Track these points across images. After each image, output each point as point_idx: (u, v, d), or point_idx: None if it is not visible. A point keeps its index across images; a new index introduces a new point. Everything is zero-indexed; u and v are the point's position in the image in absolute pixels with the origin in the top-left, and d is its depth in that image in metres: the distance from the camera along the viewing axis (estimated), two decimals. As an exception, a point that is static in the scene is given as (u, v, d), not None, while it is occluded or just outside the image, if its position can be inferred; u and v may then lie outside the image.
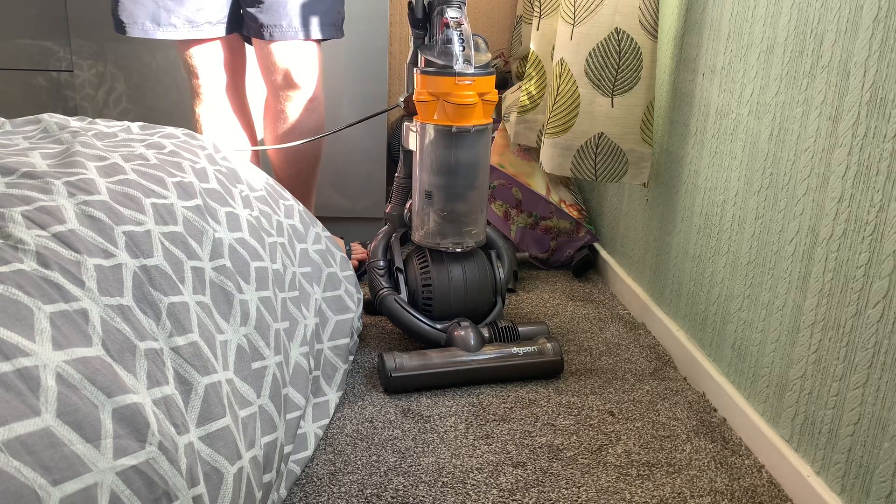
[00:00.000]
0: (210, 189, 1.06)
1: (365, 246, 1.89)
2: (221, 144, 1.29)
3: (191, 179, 1.02)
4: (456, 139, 1.38)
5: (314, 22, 1.55)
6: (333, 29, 1.59)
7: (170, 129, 1.22)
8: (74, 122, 1.16)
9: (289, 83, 1.60)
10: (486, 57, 1.38)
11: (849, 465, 0.97)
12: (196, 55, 1.58)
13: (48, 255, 0.71)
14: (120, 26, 1.53)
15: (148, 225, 0.86)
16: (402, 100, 1.49)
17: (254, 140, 1.75)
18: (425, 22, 1.46)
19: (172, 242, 0.89)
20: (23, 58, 2.00)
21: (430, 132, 1.39)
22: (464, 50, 1.35)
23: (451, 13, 1.37)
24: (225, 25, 1.56)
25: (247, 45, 1.67)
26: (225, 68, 1.63)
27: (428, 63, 1.37)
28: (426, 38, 1.47)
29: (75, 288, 0.70)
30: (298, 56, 1.57)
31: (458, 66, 1.34)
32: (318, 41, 1.59)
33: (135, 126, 1.22)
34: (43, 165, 0.88)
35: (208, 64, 1.60)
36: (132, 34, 1.52)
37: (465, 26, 1.37)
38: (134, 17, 1.50)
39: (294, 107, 1.63)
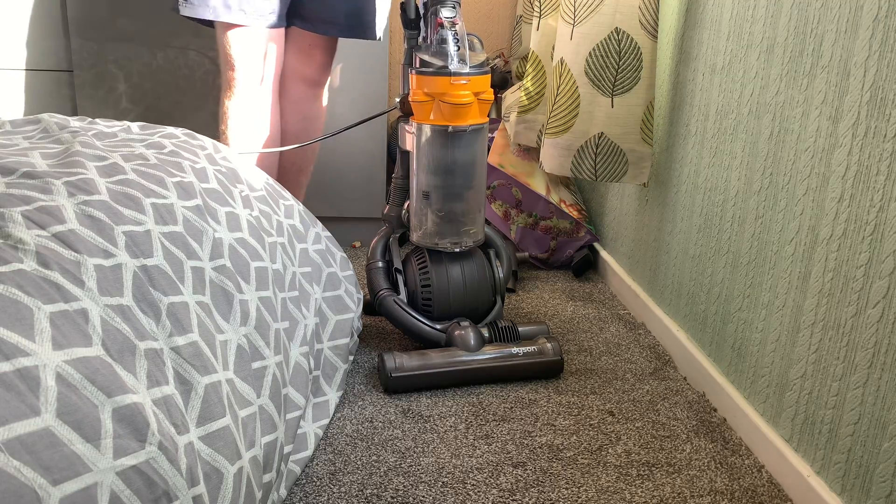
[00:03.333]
0: (210, 189, 1.06)
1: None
2: (221, 145, 1.28)
3: (191, 179, 1.02)
4: (452, 139, 1.38)
5: (367, 21, 1.62)
6: (378, 29, 1.67)
7: (170, 129, 1.22)
8: (74, 122, 1.16)
9: (323, 77, 1.69)
10: (481, 56, 1.39)
11: (849, 465, 0.97)
12: (238, 46, 1.55)
13: (48, 255, 0.71)
14: (186, 5, 1.51)
15: (148, 225, 0.86)
16: (399, 100, 1.49)
17: (278, 140, 1.71)
18: (418, 22, 1.47)
19: (172, 242, 0.89)
20: (23, 58, 2.00)
21: (427, 132, 1.39)
22: (459, 49, 1.35)
23: (446, 13, 1.37)
24: (285, 18, 1.57)
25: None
26: (264, 62, 1.60)
27: (423, 63, 1.37)
28: (420, 39, 1.47)
29: (75, 288, 0.70)
30: (333, 51, 1.68)
31: (454, 65, 1.34)
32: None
33: (135, 126, 1.22)
34: (43, 165, 0.88)
35: (249, 56, 1.57)
36: (201, 15, 1.50)
37: (460, 26, 1.37)
38: None
39: (321, 100, 1.74)
